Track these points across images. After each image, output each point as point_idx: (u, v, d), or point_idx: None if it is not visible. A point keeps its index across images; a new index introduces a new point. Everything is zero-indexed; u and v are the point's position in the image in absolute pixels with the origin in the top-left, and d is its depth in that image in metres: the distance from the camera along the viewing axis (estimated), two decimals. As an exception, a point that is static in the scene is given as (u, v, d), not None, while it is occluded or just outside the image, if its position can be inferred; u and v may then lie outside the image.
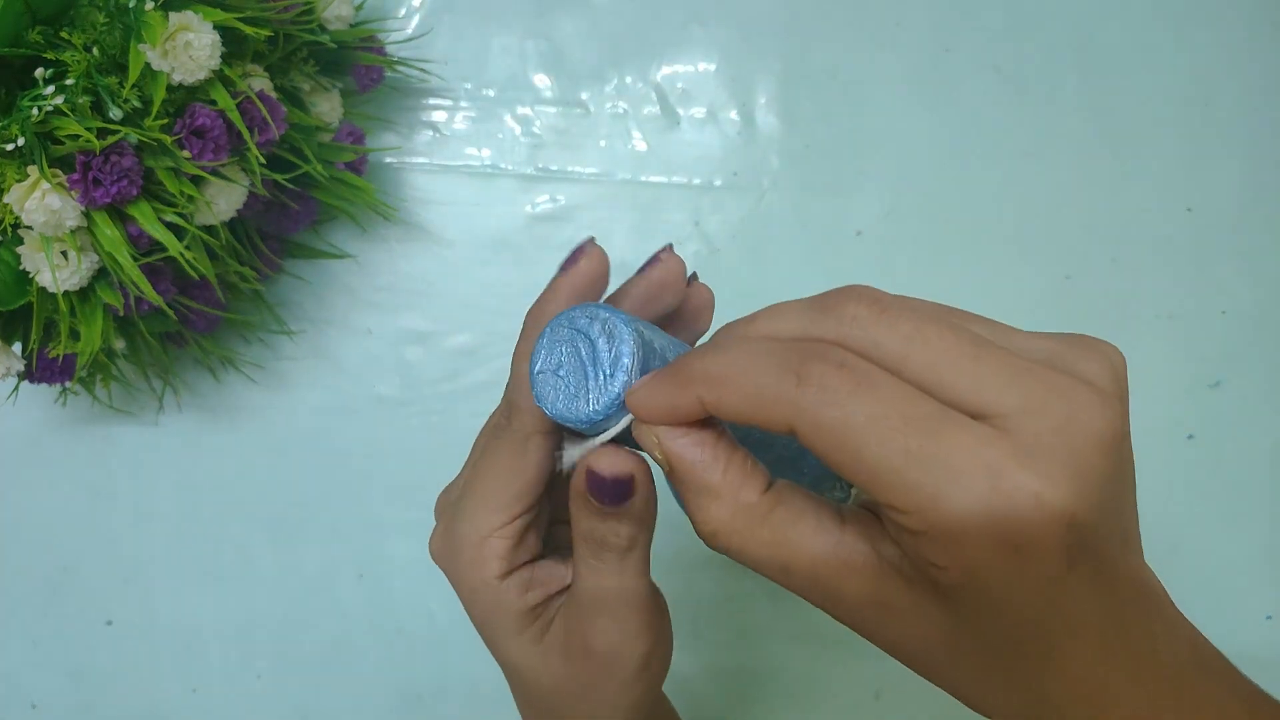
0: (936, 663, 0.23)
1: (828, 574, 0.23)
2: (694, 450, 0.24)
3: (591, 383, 0.25)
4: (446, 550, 0.30)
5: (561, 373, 0.25)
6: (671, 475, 0.24)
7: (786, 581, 0.23)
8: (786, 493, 0.24)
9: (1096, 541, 0.20)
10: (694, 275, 0.32)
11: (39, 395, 0.56)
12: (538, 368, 0.26)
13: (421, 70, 0.59)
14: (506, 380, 0.29)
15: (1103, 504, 0.20)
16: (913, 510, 0.20)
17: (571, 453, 0.26)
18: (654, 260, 0.30)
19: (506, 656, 0.30)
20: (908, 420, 0.20)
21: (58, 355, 0.48)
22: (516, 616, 0.29)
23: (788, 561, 0.23)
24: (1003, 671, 0.22)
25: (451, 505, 0.30)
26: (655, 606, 0.29)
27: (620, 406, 0.25)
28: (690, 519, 0.24)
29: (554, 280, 0.29)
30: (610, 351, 0.25)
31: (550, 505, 0.31)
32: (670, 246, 0.31)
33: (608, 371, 0.25)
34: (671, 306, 0.31)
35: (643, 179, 0.59)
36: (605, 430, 0.25)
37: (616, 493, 0.25)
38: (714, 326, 0.31)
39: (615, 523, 0.26)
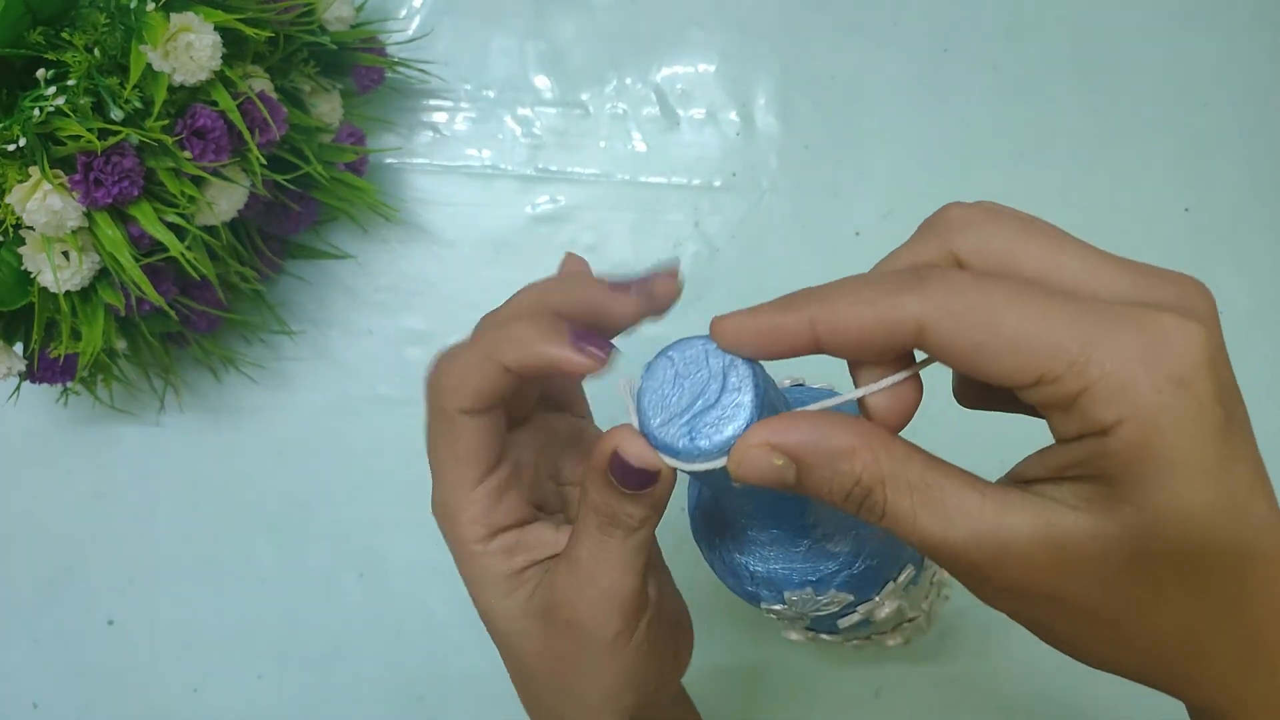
0: (1106, 607, 0.21)
1: (991, 520, 0.21)
2: (812, 428, 0.23)
3: (701, 417, 0.24)
4: (438, 516, 0.30)
5: (684, 416, 0.24)
6: (799, 472, 0.23)
7: (939, 539, 0.22)
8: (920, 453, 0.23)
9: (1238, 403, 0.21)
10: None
11: (40, 395, 0.56)
12: (649, 411, 0.25)
13: (422, 71, 0.59)
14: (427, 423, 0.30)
15: (1228, 381, 0.21)
16: (1067, 368, 0.20)
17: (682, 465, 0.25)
18: (649, 282, 0.28)
19: (491, 619, 0.29)
20: (1038, 293, 0.20)
21: (59, 355, 0.48)
22: (500, 579, 0.29)
23: (943, 519, 0.22)
24: (1183, 585, 0.21)
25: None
26: (654, 598, 0.29)
27: (722, 450, 0.24)
28: (834, 498, 0.23)
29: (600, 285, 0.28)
30: (732, 392, 0.24)
31: (535, 463, 0.31)
32: (674, 271, 0.29)
33: (723, 412, 0.24)
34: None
35: (642, 180, 0.59)
36: (695, 465, 0.24)
37: (641, 480, 0.25)
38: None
39: (630, 504, 0.26)
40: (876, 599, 0.35)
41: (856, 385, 0.24)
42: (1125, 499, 0.20)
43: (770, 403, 0.24)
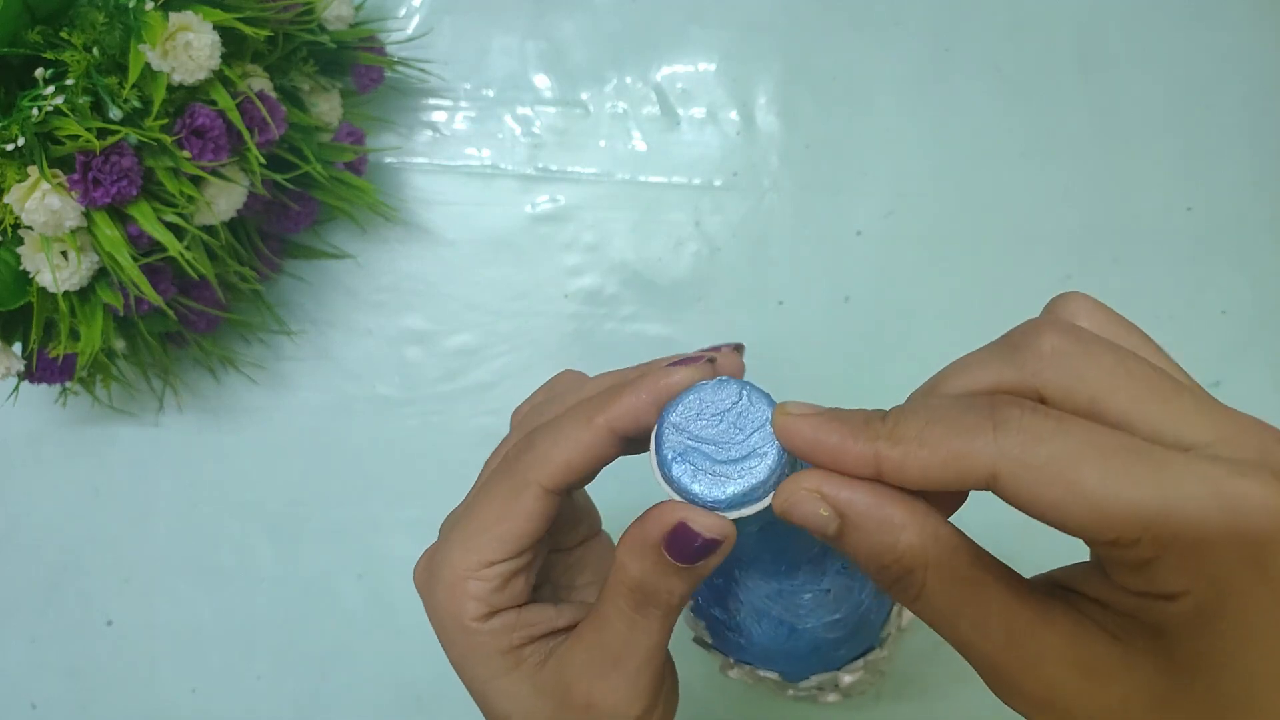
0: None
1: (1029, 622, 0.21)
2: (869, 492, 0.22)
3: (732, 465, 0.24)
4: (426, 579, 0.28)
5: (697, 448, 0.24)
6: (843, 528, 0.22)
7: (971, 636, 0.21)
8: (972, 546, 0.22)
9: None
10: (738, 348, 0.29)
11: (39, 395, 0.56)
12: (669, 440, 0.24)
13: (421, 70, 0.59)
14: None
15: None
16: (1143, 533, 0.19)
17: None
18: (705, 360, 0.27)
19: (489, 697, 0.28)
20: (1120, 448, 0.20)
21: (58, 355, 0.48)
22: (496, 657, 0.27)
23: (980, 617, 0.21)
24: None
25: (444, 531, 0.29)
26: (669, 669, 0.28)
27: (752, 494, 0.23)
28: (868, 566, 0.22)
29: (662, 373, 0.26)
30: (756, 419, 0.24)
31: (545, 553, 0.30)
32: (738, 349, 0.28)
33: (746, 457, 0.23)
34: None
35: (643, 179, 0.59)
36: (728, 510, 0.24)
37: (702, 552, 0.24)
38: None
39: (676, 579, 0.25)
40: (838, 671, 0.35)
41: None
42: (1169, 653, 0.20)
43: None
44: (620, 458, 0.28)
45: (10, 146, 0.42)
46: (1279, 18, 0.58)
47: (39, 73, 0.43)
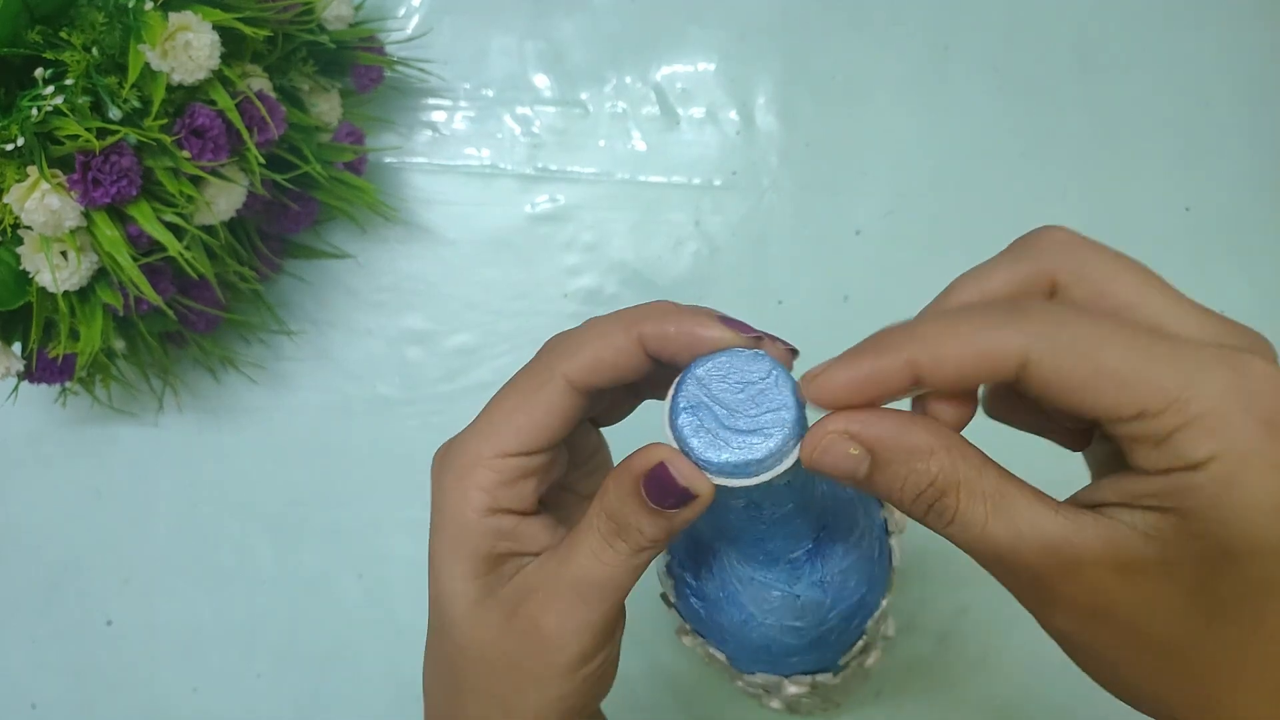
0: (1163, 631, 0.22)
1: (1062, 535, 0.22)
2: (894, 423, 0.23)
3: (736, 435, 0.24)
4: (440, 465, 0.28)
5: (711, 407, 0.24)
6: (874, 464, 0.23)
7: (1008, 551, 0.22)
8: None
9: None
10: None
11: (39, 395, 0.56)
12: (687, 390, 0.24)
13: (421, 70, 0.59)
14: (506, 380, 0.28)
15: None
16: (1168, 405, 0.20)
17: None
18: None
19: (445, 599, 0.27)
20: (1140, 331, 0.21)
21: (57, 355, 0.48)
22: (476, 559, 0.27)
23: (1015, 531, 0.22)
24: (1245, 619, 0.21)
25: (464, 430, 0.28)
26: (619, 630, 0.28)
27: (744, 469, 0.23)
28: (904, 498, 0.23)
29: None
30: (771, 405, 0.24)
31: (561, 470, 0.29)
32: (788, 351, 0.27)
33: (764, 425, 0.23)
34: None
35: (642, 179, 0.59)
36: (733, 476, 0.24)
37: (677, 499, 0.24)
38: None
39: (648, 521, 0.25)
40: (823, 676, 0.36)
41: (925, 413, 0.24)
42: (1200, 535, 0.21)
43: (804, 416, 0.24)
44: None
45: (10, 146, 0.42)
46: (1278, 18, 0.58)
47: (39, 73, 0.43)
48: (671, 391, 0.24)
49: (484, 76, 0.60)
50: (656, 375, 0.27)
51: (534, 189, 0.59)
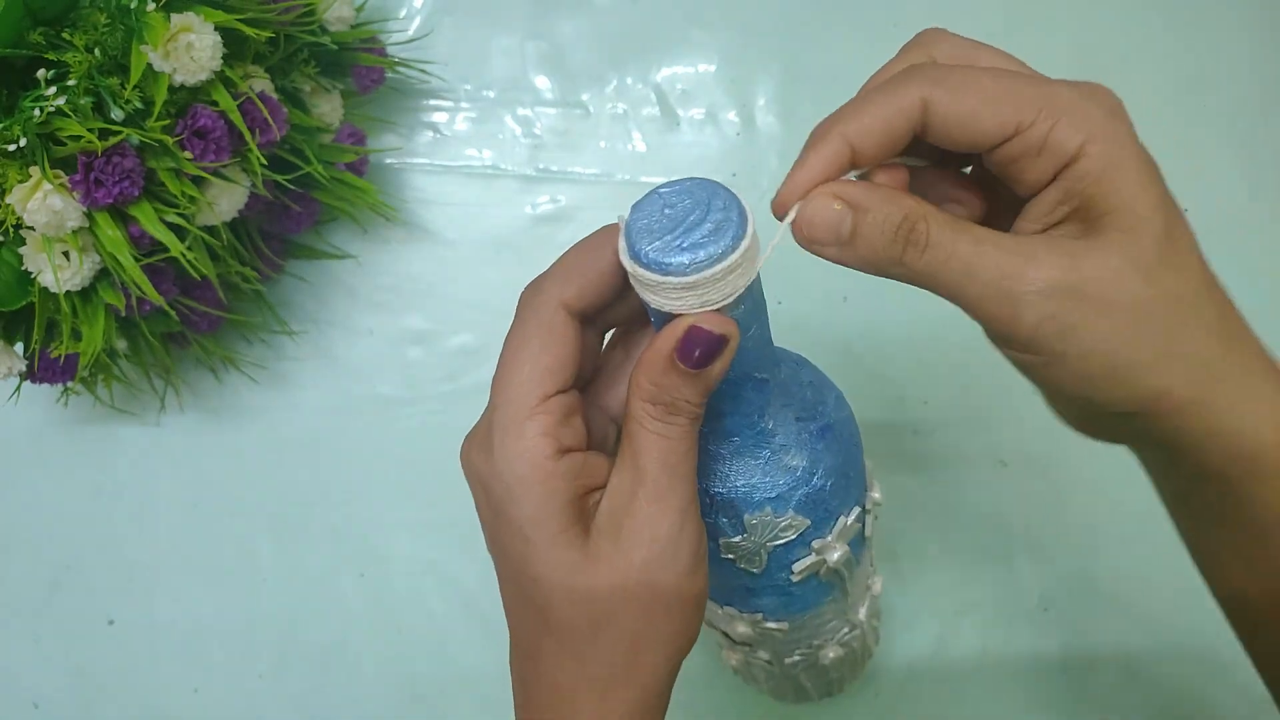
0: (1133, 302, 0.26)
1: (1015, 240, 0.26)
2: (863, 184, 0.27)
3: (703, 228, 0.26)
4: (485, 443, 0.28)
5: (658, 227, 0.26)
6: (856, 219, 0.27)
7: (976, 260, 0.26)
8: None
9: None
10: None
11: (41, 395, 0.56)
12: (636, 233, 0.26)
13: (422, 71, 0.59)
14: (504, 346, 0.29)
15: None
16: (1038, 113, 0.26)
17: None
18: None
19: (547, 561, 0.27)
20: (1007, 69, 0.27)
21: (60, 355, 0.48)
22: (565, 507, 0.27)
23: (978, 241, 0.26)
24: (1171, 267, 0.26)
25: (485, 414, 0.29)
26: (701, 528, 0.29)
27: (728, 252, 0.26)
28: (882, 238, 0.27)
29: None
30: (719, 210, 0.26)
31: (587, 403, 0.31)
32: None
33: (714, 226, 0.26)
34: None
35: (643, 179, 0.59)
36: (704, 281, 0.26)
37: (711, 350, 0.26)
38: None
39: (691, 386, 0.27)
40: (829, 538, 0.35)
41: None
42: (1107, 210, 0.26)
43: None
44: None
45: (12, 147, 0.42)
46: (1277, 18, 0.58)
47: (41, 74, 0.43)
48: (627, 216, 0.27)
49: (485, 78, 0.60)
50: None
51: (535, 190, 0.59)
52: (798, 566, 0.36)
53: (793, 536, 0.34)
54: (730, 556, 0.35)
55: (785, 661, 0.42)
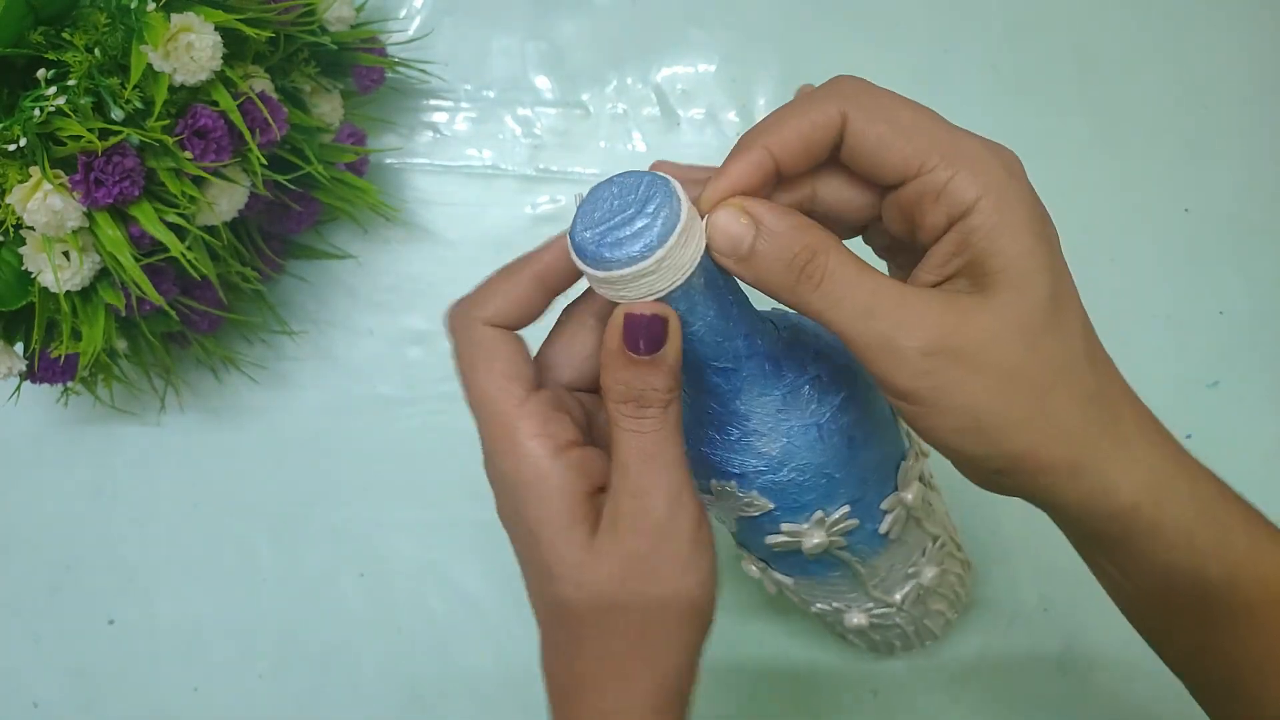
0: (1006, 366, 0.26)
1: (913, 289, 0.27)
2: (773, 204, 0.27)
3: (635, 224, 0.26)
4: (487, 456, 0.30)
5: (602, 228, 0.27)
6: (758, 237, 0.27)
7: (873, 300, 0.26)
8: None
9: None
10: None
11: (41, 395, 0.56)
12: (580, 227, 0.27)
13: (422, 71, 0.59)
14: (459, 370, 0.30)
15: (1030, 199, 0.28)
16: (941, 159, 0.26)
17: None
18: None
19: (554, 560, 0.29)
20: (921, 109, 0.28)
21: (60, 355, 0.48)
22: (570, 505, 0.28)
23: (876, 284, 0.27)
24: (1052, 328, 0.27)
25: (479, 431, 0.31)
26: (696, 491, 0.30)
27: (666, 236, 0.26)
28: (778, 264, 0.27)
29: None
30: (650, 211, 0.27)
31: (581, 406, 0.32)
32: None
33: (642, 225, 0.26)
34: None
35: (643, 179, 0.59)
36: (651, 272, 0.27)
37: (652, 334, 0.27)
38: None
39: (651, 374, 0.27)
40: (804, 525, 0.35)
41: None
42: (996, 269, 0.26)
43: (691, 215, 0.27)
44: None
45: (12, 147, 0.42)
46: (1278, 18, 0.58)
47: (41, 73, 0.43)
48: (574, 217, 0.28)
49: (485, 78, 0.60)
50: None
51: (535, 190, 0.59)
52: (769, 541, 0.36)
53: (756, 514, 0.34)
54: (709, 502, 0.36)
55: (811, 609, 0.43)
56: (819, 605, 0.43)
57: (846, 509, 0.35)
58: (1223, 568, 0.28)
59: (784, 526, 0.35)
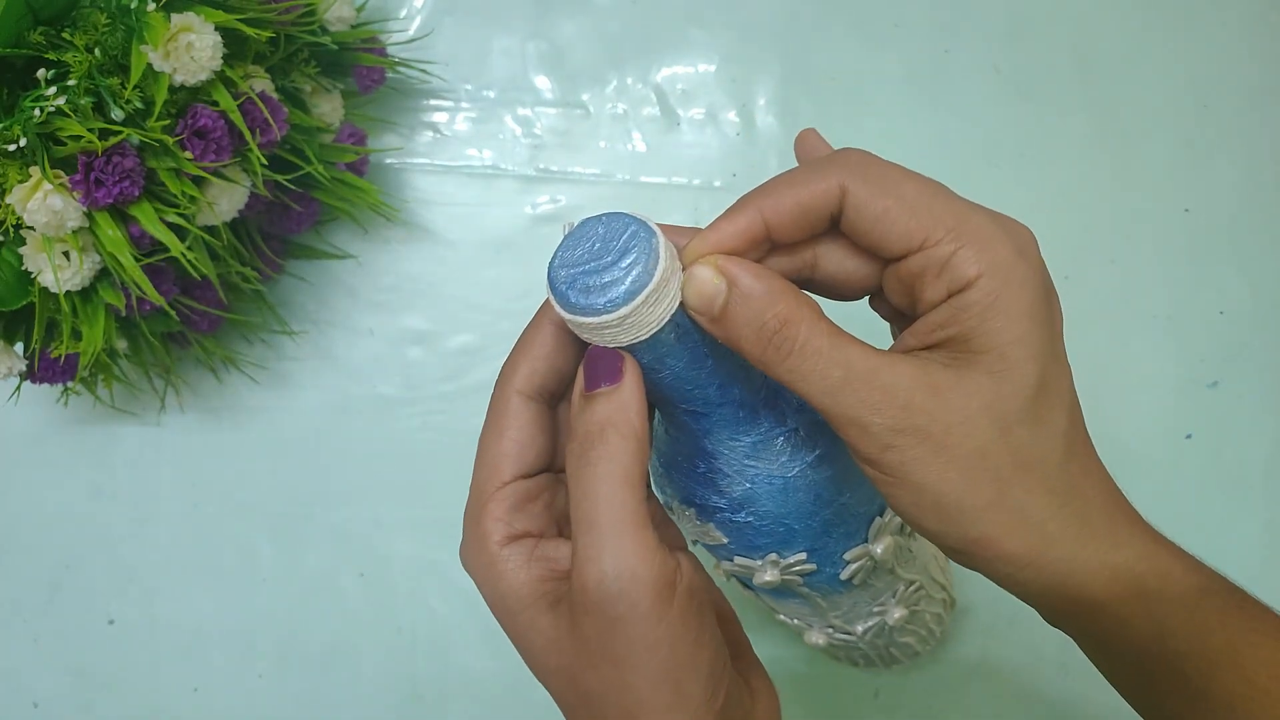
0: (973, 449, 0.25)
1: (887, 360, 0.26)
2: (750, 264, 0.26)
3: (607, 274, 0.26)
4: (467, 511, 0.29)
5: (578, 269, 0.26)
6: (730, 298, 0.26)
7: (840, 377, 0.26)
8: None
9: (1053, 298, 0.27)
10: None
11: (41, 395, 0.56)
12: (557, 263, 0.27)
13: (423, 71, 0.59)
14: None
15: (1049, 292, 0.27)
16: (946, 233, 0.26)
17: None
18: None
19: (517, 634, 0.28)
20: (928, 182, 0.27)
21: (60, 355, 0.48)
22: (518, 591, 0.28)
23: (846, 359, 0.26)
24: (1032, 420, 0.26)
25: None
26: (687, 570, 0.27)
27: (632, 296, 0.26)
28: (749, 328, 0.26)
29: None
30: (629, 259, 0.26)
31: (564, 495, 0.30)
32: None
33: (616, 274, 0.26)
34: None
35: (643, 180, 0.59)
36: (614, 325, 0.26)
37: (610, 365, 0.27)
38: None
39: (605, 404, 0.27)
40: (758, 562, 0.35)
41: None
42: (982, 350, 0.26)
43: (666, 275, 0.26)
44: None
45: (12, 147, 0.42)
46: (1275, 20, 0.58)
47: (41, 73, 0.43)
48: (558, 246, 0.27)
49: (485, 78, 0.60)
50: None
51: (535, 190, 0.59)
52: (724, 568, 0.36)
53: (712, 544, 0.34)
54: None
55: (776, 618, 0.43)
56: (781, 617, 0.43)
57: (803, 555, 0.35)
58: (1200, 663, 0.26)
59: (737, 560, 0.35)
